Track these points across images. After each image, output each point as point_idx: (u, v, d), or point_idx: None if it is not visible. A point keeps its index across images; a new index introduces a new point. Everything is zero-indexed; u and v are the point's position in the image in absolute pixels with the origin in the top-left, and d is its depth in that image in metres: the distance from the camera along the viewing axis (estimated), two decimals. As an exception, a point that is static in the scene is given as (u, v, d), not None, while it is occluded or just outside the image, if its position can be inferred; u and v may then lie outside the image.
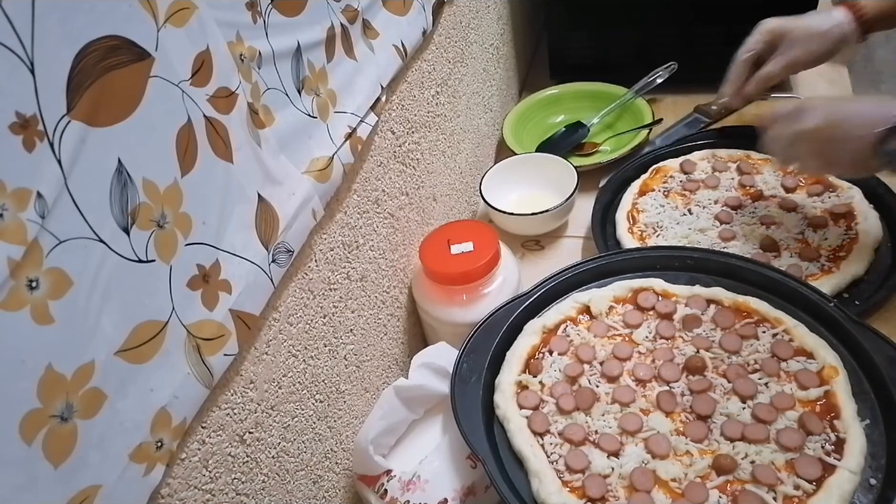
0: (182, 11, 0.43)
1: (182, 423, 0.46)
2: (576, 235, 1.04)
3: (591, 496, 0.61)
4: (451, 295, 0.83)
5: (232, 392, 0.53)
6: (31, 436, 0.35)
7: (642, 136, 1.11)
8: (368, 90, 0.69)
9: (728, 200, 0.94)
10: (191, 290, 0.46)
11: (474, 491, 0.69)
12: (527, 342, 0.74)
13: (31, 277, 0.34)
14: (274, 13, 0.54)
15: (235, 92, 0.49)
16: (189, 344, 0.46)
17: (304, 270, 0.62)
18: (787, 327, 0.71)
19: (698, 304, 0.75)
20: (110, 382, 0.39)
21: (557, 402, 0.68)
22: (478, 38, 1.07)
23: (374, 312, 0.78)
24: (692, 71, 1.18)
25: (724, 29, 1.16)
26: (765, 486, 0.59)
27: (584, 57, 1.26)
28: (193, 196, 0.45)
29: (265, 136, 0.53)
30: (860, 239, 0.84)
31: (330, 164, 0.62)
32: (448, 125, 0.97)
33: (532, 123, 1.24)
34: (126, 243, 0.40)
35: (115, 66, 0.38)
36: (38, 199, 0.34)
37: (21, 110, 0.33)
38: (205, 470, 0.50)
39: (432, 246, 0.84)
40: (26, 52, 0.33)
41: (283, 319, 0.59)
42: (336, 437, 0.70)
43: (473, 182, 1.09)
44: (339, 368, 0.70)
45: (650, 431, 0.65)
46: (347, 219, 0.70)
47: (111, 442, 0.40)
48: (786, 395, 0.65)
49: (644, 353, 0.73)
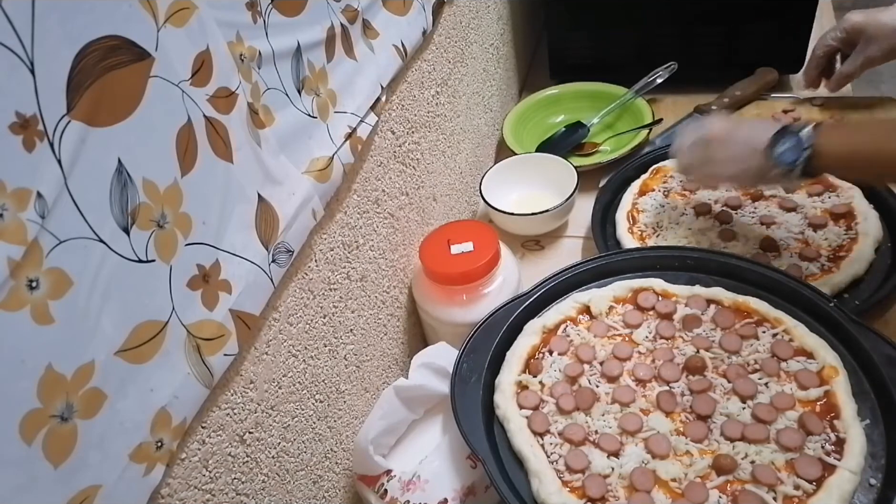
0: (182, 11, 0.43)
1: (182, 423, 0.46)
2: (576, 235, 1.04)
3: (591, 496, 0.61)
4: (451, 295, 0.83)
5: (232, 392, 0.53)
6: (31, 436, 0.35)
7: (642, 136, 1.11)
8: (368, 90, 0.69)
9: (728, 200, 0.94)
10: (191, 290, 0.46)
11: (474, 491, 0.69)
12: (527, 342, 0.74)
13: (31, 277, 0.34)
14: (274, 13, 0.54)
15: (235, 92, 0.49)
16: (189, 344, 0.46)
17: (304, 270, 0.62)
18: (787, 327, 0.71)
19: (698, 304, 0.75)
20: (110, 382, 0.39)
21: (557, 402, 0.68)
22: (478, 38, 1.07)
23: (374, 312, 0.78)
24: (692, 71, 1.18)
25: (724, 29, 1.17)
26: (765, 486, 0.59)
27: (584, 57, 1.26)
28: (193, 196, 0.45)
29: (265, 136, 0.53)
30: (860, 239, 0.84)
31: (330, 164, 0.62)
32: (448, 125, 0.97)
33: (532, 123, 1.24)
34: (126, 243, 0.40)
35: (115, 66, 0.38)
36: (38, 199, 0.34)
37: (21, 110, 0.33)
38: (205, 470, 0.50)
39: (432, 246, 0.84)
40: (26, 52, 0.33)
41: (283, 319, 0.59)
42: (336, 437, 0.70)
43: (473, 182, 1.09)
44: (339, 368, 0.70)
45: (650, 431, 0.65)
46: (347, 219, 0.70)
47: (111, 442, 0.40)
48: (786, 395, 0.65)
49: (644, 353, 0.73)
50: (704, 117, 0.84)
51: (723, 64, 1.20)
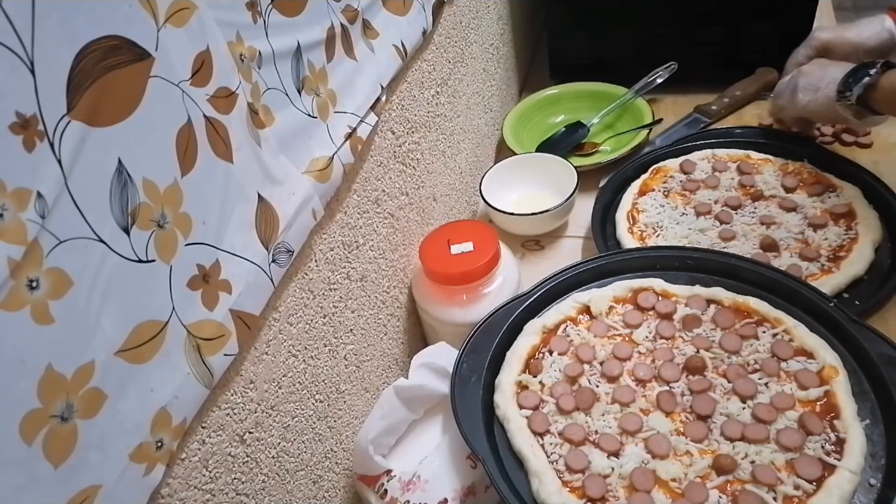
0: (182, 11, 0.43)
1: (182, 423, 0.46)
2: (576, 235, 1.04)
3: (591, 496, 0.61)
4: (451, 295, 0.83)
5: (232, 392, 0.53)
6: (31, 436, 0.35)
7: (642, 136, 1.11)
8: (368, 90, 0.69)
9: (728, 200, 0.94)
10: (191, 290, 0.46)
11: (474, 491, 0.69)
12: (527, 342, 0.74)
13: (31, 277, 0.34)
14: (274, 13, 0.54)
15: (235, 92, 0.49)
16: (189, 344, 0.46)
17: (304, 270, 0.62)
18: (787, 327, 0.71)
19: (698, 304, 0.75)
20: (110, 382, 0.39)
21: (557, 402, 0.68)
22: (478, 38, 1.07)
23: (374, 312, 0.78)
24: (692, 71, 1.18)
25: (724, 29, 1.17)
26: (765, 486, 0.59)
27: (584, 57, 1.26)
28: (193, 196, 0.45)
29: (265, 136, 0.53)
30: (860, 239, 0.84)
31: (330, 164, 0.62)
32: (448, 125, 0.97)
33: (532, 123, 1.23)
34: (126, 243, 0.40)
35: (115, 66, 0.38)
36: (38, 199, 0.34)
37: (21, 110, 0.33)
38: (205, 470, 0.50)
39: (432, 246, 0.84)
40: (26, 52, 0.33)
41: (283, 319, 0.59)
42: (336, 437, 0.70)
43: (473, 182, 1.09)
44: (339, 368, 0.70)
45: (650, 431, 0.65)
46: (347, 219, 0.70)
47: (111, 442, 0.40)
48: (786, 395, 0.65)
49: (644, 353, 0.73)
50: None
51: (723, 64, 1.20)
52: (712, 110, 1.16)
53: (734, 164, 1.00)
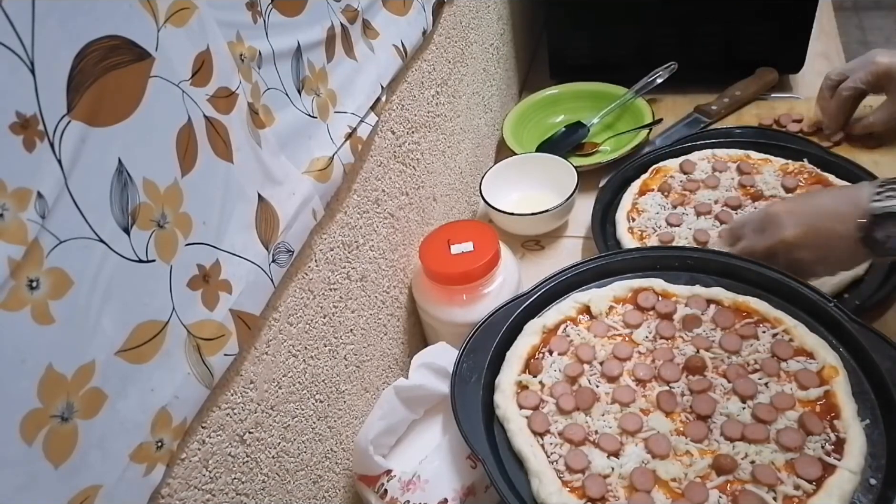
0: (182, 11, 0.43)
1: (182, 423, 0.46)
2: (576, 235, 1.04)
3: (591, 496, 0.61)
4: (451, 295, 0.83)
5: (232, 392, 0.53)
6: (31, 436, 0.35)
7: (642, 136, 1.11)
8: (368, 90, 0.69)
9: (728, 200, 0.94)
10: (191, 290, 0.46)
11: (474, 491, 0.69)
12: (527, 342, 0.74)
13: (31, 277, 0.34)
14: (274, 13, 0.54)
15: (235, 92, 0.49)
16: (189, 344, 0.46)
17: (304, 270, 0.62)
18: (787, 327, 0.71)
19: (698, 304, 0.75)
20: (111, 382, 0.40)
21: (557, 402, 0.68)
22: (478, 38, 1.07)
23: (374, 312, 0.78)
24: (692, 71, 1.18)
25: (724, 29, 1.17)
26: (765, 486, 0.59)
27: (584, 57, 1.26)
28: (193, 196, 0.45)
29: (265, 136, 0.53)
30: (860, 239, 0.84)
31: (330, 164, 0.62)
32: (448, 125, 0.97)
33: (532, 123, 1.24)
34: (126, 243, 0.40)
35: (116, 66, 0.39)
36: (38, 199, 0.34)
37: (21, 110, 0.33)
38: (205, 470, 0.50)
39: (432, 246, 0.84)
40: (26, 52, 0.33)
41: (283, 319, 0.59)
42: (336, 437, 0.70)
43: (473, 182, 1.09)
44: (339, 368, 0.70)
45: (650, 431, 0.65)
46: (347, 219, 0.70)
47: (111, 442, 0.40)
48: (786, 395, 0.65)
49: (644, 353, 0.73)
50: (764, 212, 0.77)
51: (723, 64, 1.20)
52: (712, 110, 1.17)
53: (734, 164, 0.99)
